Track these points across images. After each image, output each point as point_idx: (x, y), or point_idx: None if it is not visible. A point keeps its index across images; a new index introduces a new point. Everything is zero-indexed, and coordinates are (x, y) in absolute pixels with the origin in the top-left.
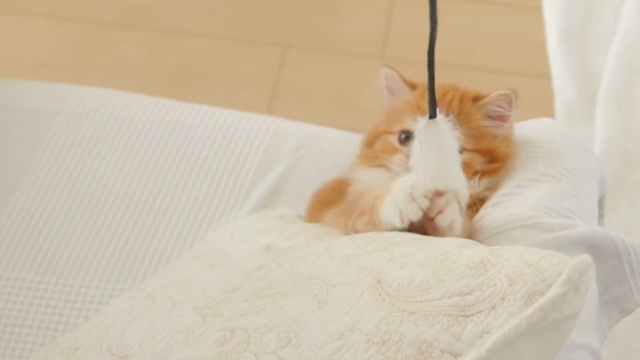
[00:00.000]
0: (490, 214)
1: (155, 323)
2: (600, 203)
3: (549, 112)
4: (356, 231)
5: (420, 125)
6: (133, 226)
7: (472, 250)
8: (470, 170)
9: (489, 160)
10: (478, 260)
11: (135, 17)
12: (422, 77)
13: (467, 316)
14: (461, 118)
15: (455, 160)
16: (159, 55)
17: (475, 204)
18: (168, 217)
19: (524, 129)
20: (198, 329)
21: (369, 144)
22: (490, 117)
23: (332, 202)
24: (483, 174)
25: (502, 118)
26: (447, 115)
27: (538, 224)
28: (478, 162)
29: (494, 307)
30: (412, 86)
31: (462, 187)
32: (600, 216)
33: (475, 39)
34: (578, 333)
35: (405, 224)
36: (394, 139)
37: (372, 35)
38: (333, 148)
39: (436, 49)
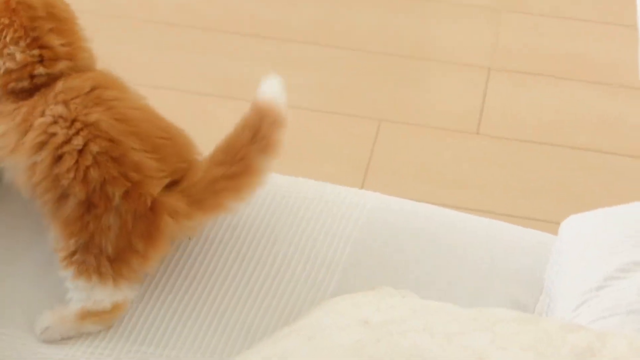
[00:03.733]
0: (594, 297)
1: None
2: None
3: None
4: None
5: None
6: (230, 299)
7: (577, 335)
8: None
9: None
10: (584, 345)
11: (229, 88)
12: (518, 156)
13: None
14: None
15: None
16: None
17: None
18: (264, 290)
19: (627, 212)
20: None
21: None
22: None
23: None
24: None
25: None
26: None
27: None
28: None
29: None
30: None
31: None
32: None
33: (567, 117)
34: None
35: None
36: None
37: (467, 111)
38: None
39: (529, 126)
